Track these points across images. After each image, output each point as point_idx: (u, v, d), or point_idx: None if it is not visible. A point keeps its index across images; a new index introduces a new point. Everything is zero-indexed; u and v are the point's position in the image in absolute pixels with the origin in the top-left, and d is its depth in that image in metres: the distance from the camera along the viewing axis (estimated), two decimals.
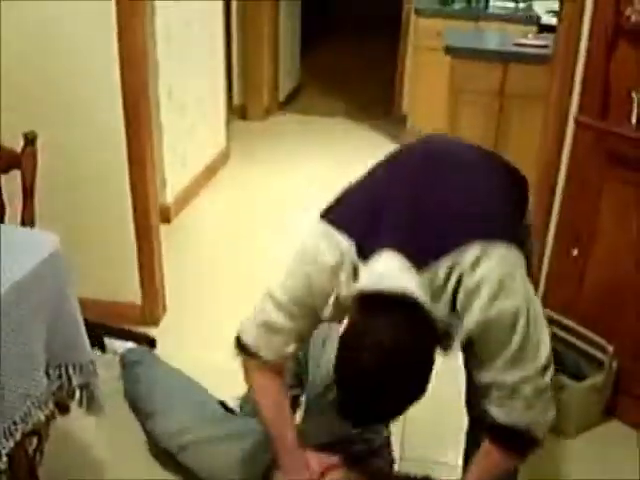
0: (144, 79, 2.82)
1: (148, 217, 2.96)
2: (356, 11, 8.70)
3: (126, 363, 2.71)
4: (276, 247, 3.97)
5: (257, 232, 4.10)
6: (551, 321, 2.67)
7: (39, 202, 2.20)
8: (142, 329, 3.03)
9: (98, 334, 2.74)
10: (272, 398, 1.90)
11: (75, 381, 1.82)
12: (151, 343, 2.92)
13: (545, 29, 4.51)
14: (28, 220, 2.15)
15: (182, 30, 4.05)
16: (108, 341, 2.82)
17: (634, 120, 2.46)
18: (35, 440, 2.11)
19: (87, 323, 2.01)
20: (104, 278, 3.04)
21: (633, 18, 2.38)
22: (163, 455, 2.40)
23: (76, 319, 1.84)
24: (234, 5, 5.44)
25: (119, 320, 3.00)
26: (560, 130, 2.66)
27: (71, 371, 1.81)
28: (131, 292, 3.08)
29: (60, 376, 1.80)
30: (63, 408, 2.42)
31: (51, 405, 1.80)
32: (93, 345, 2.64)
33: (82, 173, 2.89)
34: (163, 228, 3.57)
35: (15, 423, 1.61)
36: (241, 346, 1.81)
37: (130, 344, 2.82)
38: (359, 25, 8.50)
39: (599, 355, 2.56)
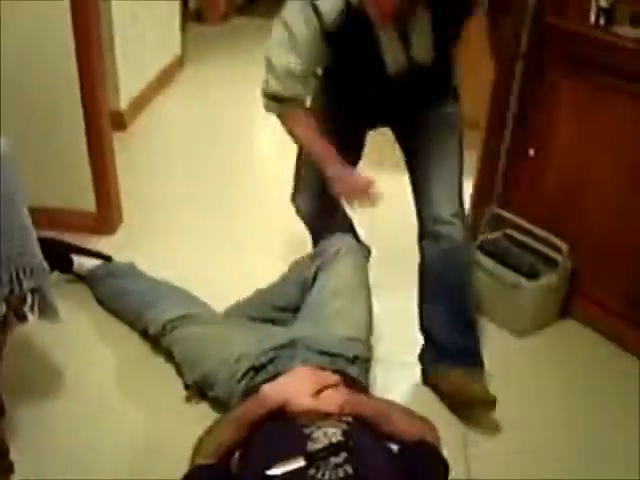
0: None
1: (99, 123, 2.88)
2: None
3: (99, 276, 2.68)
4: (234, 153, 3.94)
5: (213, 138, 4.03)
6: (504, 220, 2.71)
7: None
8: (97, 238, 2.99)
9: (63, 252, 2.71)
10: (308, 129, 2.17)
11: (26, 285, 1.79)
12: (107, 260, 2.85)
13: None
14: None
15: None
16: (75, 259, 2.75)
17: (593, 18, 2.42)
18: None
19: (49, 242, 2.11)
20: (58, 186, 2.98)
21: None
22: (124, 362, 2.42)
23: (25, 224, 1.79)
24: None
25: (74, 229, 2.96)
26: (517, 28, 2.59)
27: (22, 275, 1.77)
28: (86, 200, 3.02)
29: (11, 280, 1.76)
30: (21, 316, 2.40)
31: (4, 310, 1.77)
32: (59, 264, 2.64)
33: (31, 79, 2.79)
34: (118, 135, 3.50)
35: None
36: (271, 96, 2.10)
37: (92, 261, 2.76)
38: None
39: (554, 255, 2.59)
